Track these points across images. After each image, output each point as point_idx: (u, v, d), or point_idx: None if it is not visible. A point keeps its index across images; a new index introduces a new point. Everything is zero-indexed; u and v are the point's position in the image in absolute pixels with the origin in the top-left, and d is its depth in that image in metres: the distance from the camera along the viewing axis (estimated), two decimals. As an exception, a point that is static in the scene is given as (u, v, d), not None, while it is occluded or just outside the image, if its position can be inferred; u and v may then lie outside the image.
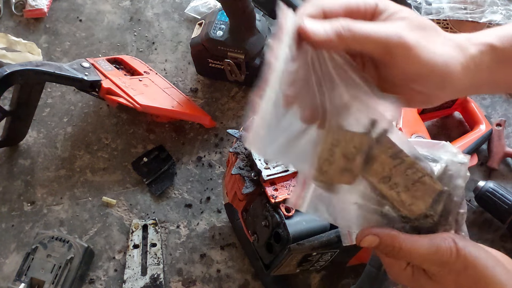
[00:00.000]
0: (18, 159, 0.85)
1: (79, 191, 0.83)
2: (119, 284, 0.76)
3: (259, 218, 0.62)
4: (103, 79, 0.80)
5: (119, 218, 0.81)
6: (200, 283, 0.77)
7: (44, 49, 0.96)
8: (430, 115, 0.86)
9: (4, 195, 0.82)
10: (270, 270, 0.62)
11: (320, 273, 0.78)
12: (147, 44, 0.98)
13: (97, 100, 0.91)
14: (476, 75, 0.38)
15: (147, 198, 0.83)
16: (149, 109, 0.80)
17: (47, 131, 0.88)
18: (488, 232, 0.83)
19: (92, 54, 0.96)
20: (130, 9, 1.02)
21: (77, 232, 0.79)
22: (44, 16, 0.99)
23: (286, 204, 0.58)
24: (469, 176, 0.42)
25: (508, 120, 0.90)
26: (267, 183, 0.60)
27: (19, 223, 0.80)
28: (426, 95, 0.37)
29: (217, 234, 0.81)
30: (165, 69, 0.96)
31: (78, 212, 0.81)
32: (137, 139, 0.88)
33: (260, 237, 0.62)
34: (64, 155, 0.86)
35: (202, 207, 0.83)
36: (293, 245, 0.57)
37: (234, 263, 0.79)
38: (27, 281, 0.71)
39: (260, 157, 0.62)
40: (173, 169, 0.86)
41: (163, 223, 0.81)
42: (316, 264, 0.65)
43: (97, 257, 0.78)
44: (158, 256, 0.77)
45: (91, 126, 0.89)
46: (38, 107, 0.82)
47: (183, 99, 0.88)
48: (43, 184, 0.83)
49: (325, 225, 0.61)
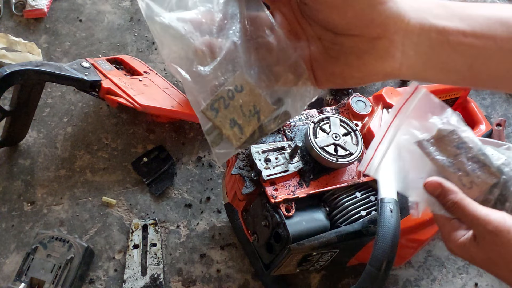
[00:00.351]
0: (18, 159, 0.85)
1: (79, 191, 0.83)
2: (119, 284, 0.76)
3: (259, 218, 0.62)
4: (103, 79, 0.80)
5: (119, 218, 0.81)
6: (200, 283, 0.77)
7: (44, 49, 0.96)
8: (430, 115, 0.85)
9: (4, 195, 0.82)
10: (270, 270, 0.62)
11: (320, 273, 0.78)
12: (147, 44, 0.98)
13: (97, 100, 0.91)
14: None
15: (147, 198, 0.83)
16: (149, 109, 0.80)
17: (47, 131, 0.88)
18: (488, 232, 0.83)
19: (92, 54, 0.96)
20: (130, 9, 1.02)
21: (77, 232, 0.79)
22: (44, 16, 0.99)
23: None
24: None
25: (508, 120, 0.90)
26: (267, 183, 0.60)
27: (19, 223, 0.80)
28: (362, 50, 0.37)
29: (217, 234, 0.81)
30: (165, 69, 0.96)
31: (78, 212, 0.81)
32: (137, 139, 0.88)
33: (260, 237, 0.62)
34: (64, 155, 0.86)
35: (202, 207, 0.83)
36: (293, 245, 0.57)
37: (234, 263, 0.79)
38: (27, 281, 0.71)
39: (261, 157, 0.62)
40: (173, 169, 0.86)
41: (163, 223, 0.81)
42: (316, 264, 0.65)
43: (97, 257, 0.78)
44: (158, 256, 0.77)
45: (91, 126, 0.89)
46: (38, 107, 0.82)
47: (183, 99, 0.88)
48: (43, 184, 0.83)
49: (325, 225, 0.61)
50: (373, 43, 0.36)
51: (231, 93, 0.37)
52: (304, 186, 0.62)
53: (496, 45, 0.38)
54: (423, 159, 0.50)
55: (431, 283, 0.79)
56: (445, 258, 0.81)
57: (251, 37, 0.38)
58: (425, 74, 0.39)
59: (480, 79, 0.40)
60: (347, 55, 0.37)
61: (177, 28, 0.36)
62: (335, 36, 0.37)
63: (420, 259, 0.81)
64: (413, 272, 0.80)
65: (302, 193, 0.61)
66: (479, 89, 0.51)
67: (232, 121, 0.38)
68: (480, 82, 0.41)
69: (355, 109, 0.70)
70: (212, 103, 0.38)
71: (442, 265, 0.81)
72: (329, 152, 0.62)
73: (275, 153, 0.63)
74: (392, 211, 0.55)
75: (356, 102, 0.71)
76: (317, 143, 0.62)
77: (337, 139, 0.63)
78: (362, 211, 0.62)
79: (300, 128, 0.68)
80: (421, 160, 0.50)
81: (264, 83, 0.38)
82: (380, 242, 0.53)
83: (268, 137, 0.65)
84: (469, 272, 0.80)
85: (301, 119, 0.70)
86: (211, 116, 0.38)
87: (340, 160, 0.62)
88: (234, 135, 0.38)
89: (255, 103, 0.38)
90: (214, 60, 0.37)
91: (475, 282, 0.79)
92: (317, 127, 0.64)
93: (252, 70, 0.38)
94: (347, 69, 0.38)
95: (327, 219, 0.62)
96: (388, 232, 0.53)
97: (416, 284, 0.79)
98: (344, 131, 0.65)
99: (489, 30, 0.38)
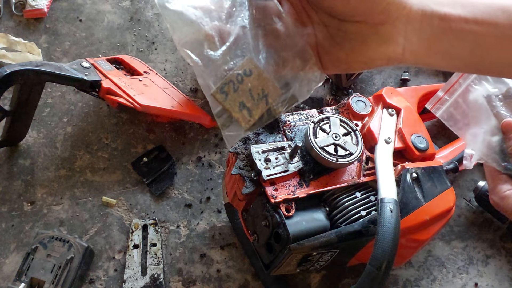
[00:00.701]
0: (18, 159, 0.85)
1: (79, 191, 0.83)
2: (119, 284, 0.76)
3: (259, 218, 0.62)
4: (103, 79, 0.80)
5: (119, 218, 0.81)
6: (200, 283, 0.77)
7: (44, 49, 0.96)
8: (430, 115, 0.86)
9: (4, 195, 0.82)
10: (270, 270, 0.62)
11: (320, 273, 0.78)
12: (147, 44, 0.98)
13: (97, 100, 0.91)
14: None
15: (147, 198, 0.83)
16: (149, 109, 0.80)
17: (47, 131, 0.88)
18: (488, 232, 0.83)
19: (92, 54, 0.96)
20: (130, 9, 1.02)
21: (77, 232, 0.79)
22: (44, 16, 0.99)
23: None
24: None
25: (508, 120, 0.90)
26: (267, 183, 0.60)
27: (19, 223, 0.80)
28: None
29: (217, 234, 0.81)
30: (165, 69, 0.96)
31: (78, 212, 0.81)
32: (137, 139, 0.88)
33: (260, 237, 0.62)
34: (64, 155, 0.86)
35: (202, 207, 0.83)
36: (293, 245, 0.57)
37: (234, 263, 0.79)
38: (27, 281, 0.71)
39: (261, 157, 0.62)
40: (173, 169, 0.86)
41: (163, 223, 0.81)
42: (316, 264, 0.65)
43: (97, 257, 0.78)
44: (158, 256, 0.77)
45: (91, 126, 0.89)
46: (38, 107, 0.82)
47: (183, 99, 0.88)
48: (43, 184, 0.83)
49: (325, 225, 0.61)
50: (376, 29, 0.38)
51: (240, 77, 0.39)
52: (304, 186, 0.62)
53: (497, 31, 0.38)
54: (487, 113, 0.52)
55: (431, 283, 0.79)
56: (445, 258, 0.81)
57: (259, 24, 0.39)
58: (428, 60, 0.40)
59: (483, 66, 0.41)
60: (352, 40, 0.39)
61: (188, 14, 0.38)
62: (340, 22, 0.38)
63: (420, 259, 0.81)
64: (413, 272, 0.80)
65: (302, 193, 0.61)
66: (483, 75, 0.52)
67: (241, 104, 0.39)
68: (483, 68, 0.42)
69: (355, 109, 0.70)
70: (222, 86, 0.39)
71: (442, 265, 0.81)
72: (329, 152, 0.62)
73: (275, 153, 0.63)
74: (392, 211, 0.55)
75: (356, 102, 0.71)
76: (317, 143, 0.62)
77: (337, 139, 0.63)
78: (362, 211, 0.62)
79: (300, 128, 0.68)
80: (485, 113, 0.53)
81: (272, 68, 0.40)
82: (380, 242, 0.53)
83: (268, 137, 0.65)
84: (469, 272, 0.80)
85: (301, 119, 0.70)
86: (221, 99, 0.39)
87: (340, 160, 0.62)
88: (243, 117, 0.39)
89: (263, 87, 0.39)
90: (224, 45, 0.38)
91: (475, 282, 0.79)
92: (317, 127, 0.64)
93: (260, 55, 0.39)
94: (351, 54, 0.39)
95: (327, 219, 0.62)
96: (388, 232, 0.53)
97: (416, 284, 0.79)
98: (344, 131, 0.65)
99: (490, 17, 0.38)
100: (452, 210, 0.66)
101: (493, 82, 0.53)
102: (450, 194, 0.66)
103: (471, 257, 0.81)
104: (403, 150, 0.69)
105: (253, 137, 0.65)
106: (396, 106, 0.71)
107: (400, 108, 0.71)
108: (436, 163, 0.68)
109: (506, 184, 0.53)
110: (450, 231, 0.83)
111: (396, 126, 0.70)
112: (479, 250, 0.82)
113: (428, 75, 0.99)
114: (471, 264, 0.81)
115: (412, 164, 0.65)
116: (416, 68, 1.00)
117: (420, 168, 0.65)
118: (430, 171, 0.66)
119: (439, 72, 0.99)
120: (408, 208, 0.62)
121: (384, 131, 0.68)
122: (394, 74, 0.99)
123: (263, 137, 0.65)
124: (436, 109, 0.56)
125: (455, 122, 0.56)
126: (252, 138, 0.65)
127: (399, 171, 0.64)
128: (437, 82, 0.98)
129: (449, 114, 0.56)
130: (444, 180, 0.66)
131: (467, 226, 0.84)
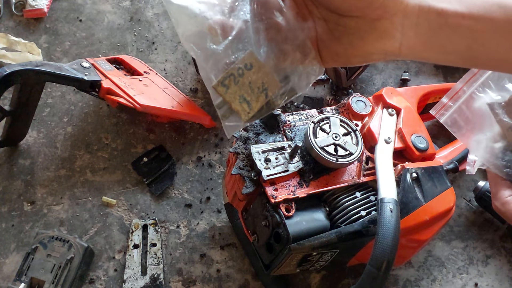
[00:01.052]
0: (18, 159, 0.85)
1: (79, 191, 0.83)
2: (119, 284, 0.76)
3: (259, 218, 0.62)
4: (103, 79, 0.80)
5: (119, 218, 0.81)
6: (200, 283, 0.77)
7: (44, 49, 0.96)
8: (430, 115, 0.86)
9: (4, 195, 0.82)
10: (270, 270, 0.63)
11: (320, 273, 0.78)
12: (147, 44, 0.98)
13: (97, 100, 0.91)
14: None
15: (147, 198, 0.83)
16: (149, 109, 0.80)
17: (47, 131, 0.88)
18: (488, 232, 0.83)
19: (92, 54, 0.96)
20: (130, 9, 1.02)
21: (77, 232, 0.79)
22: (44, 16, 0.99)
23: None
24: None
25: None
26: (267, 183, 0.60)
27: (19, 223, 0.80)
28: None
29: (217, 234, 0.81)
30: (165, 69, 0.96)
31: (78, 212, 0.81)
32: (137, 139, 0.88)
33: (260, 237, 0.62)
34: (64, 155, 0.86)
35: (202, 207, 0.83)
36: (293, 245, 0.57)
37: (234, 263, 0.79)
38: (27, 281, 0.71)
39: (261, 157, 0.62)
40: (173, 169, 0.86)
41: (163, 223, 0.81)
42: (316, 264, 0.65)
43: (97, 257, 0.78)
44: (158, 256, 0.77)
45: (91, 126, 0.89)
46: (38, 107, 0.82)
47: (183, 99, 0.88)
48: (43, 184, 0.83)
49: (325, 225, 0.61)
50: (374, 24, 0.39)
51: (241, 71, 0.40)
52: (304, 186, 0.62)
53: (494, 27, 0.39)
54: (490, 120, 0.54)
55: (431, 283, 0.79)
56: (445, 258, 0.81)
57: (261, 18, 0.40)
58: (425, 54, 0.41)
59: (480, 61, 0.42)
60: (350, 35, 0.40)
61: (192, 8, 0.39)
62: (339, 17, 0.39)
63: (420, 259, 0.81)
64: (413, 272, 0.80)
65: (302, 193, 0.61)
66: (480, 69, 0.53)
67: (241, 97, 0.40)
68: (480, 63, 0.42)
69: (355, 109, 0.70)
70: (223, 79, 0.40)
71: (442, 265, 0.81)
72: (329, 152, 0.62)
73: (275, 153, 0.63)
74: (392, 211, 0.55)
75: (356, 102, 0.71)
76: (317, 143, 0.62)
77: (337, 139, 0.63)
78: (362, 211, 0.62)
79: (300, 128, 0.68)
80: (488, 120, 0.54)
81: (272, 61, 0.41)
82: (380, 242, 0.53)
83: (268, 137, 0.65)
84: (469, 272, 0.80)
85: (301, 119, 0.70)
86: (222, 92, 0.40)
87: (340, 160, 0.62)
88: (243, 110, 0.41)
89: (263, 81, 0.40)
90: (226, 39, 0.39)
91: (475, 282, 0.79)
92: (317, 127, 0.64)
93: (261, 49, 0.40)
94: (350, 48, 0.40)
95: (327, 219, 0.62)
96: (388, 232, 0.53)
97: (416, 284, 0.79)
98: (344, 131, 0.65)
99: (487, 12, 0.39)
100: (452, 210, 0.66)
101: (496, 90, 0.54)
102: (450, 194, 0.66)
103: (471, 257, 0.81)
104: (403, 150, 0.69)
105: (253, 137, 0.65)
106: (396, 106, 0.71)
107: (400, 108, 0.71)
108: (436, 163, 0.68)
109: (508, 189, 0.54)
110: (450, 231, 0.83)
111: (396, 126, 0.70)
112: (479, 250, 0.82)
113: (428, 75, 0.99)
114: (471, 264, 0.81)
115: (412, 164, 0.65)
116: (416, 68, 1.00)
117: (420, 168, 0.65)
118: (430, 171, 0.66)
119: (439, 72, 0.99)
120: (408, 208, 0.62)
121: (384, 131, 0.68)
122: (394, 74, 0.99)
123: (263, 137, 0.65)
124: (440, 115, 0.56)
125: (459, 128, 0.56)
126: (252, 138, 0.65)
127: (399, 171, 0.64)
128: (437, 82, 0.98)
129: (453, 121, 0.57)
130: (444, 180, 0.66)
131: (467, 226, 0.84)
